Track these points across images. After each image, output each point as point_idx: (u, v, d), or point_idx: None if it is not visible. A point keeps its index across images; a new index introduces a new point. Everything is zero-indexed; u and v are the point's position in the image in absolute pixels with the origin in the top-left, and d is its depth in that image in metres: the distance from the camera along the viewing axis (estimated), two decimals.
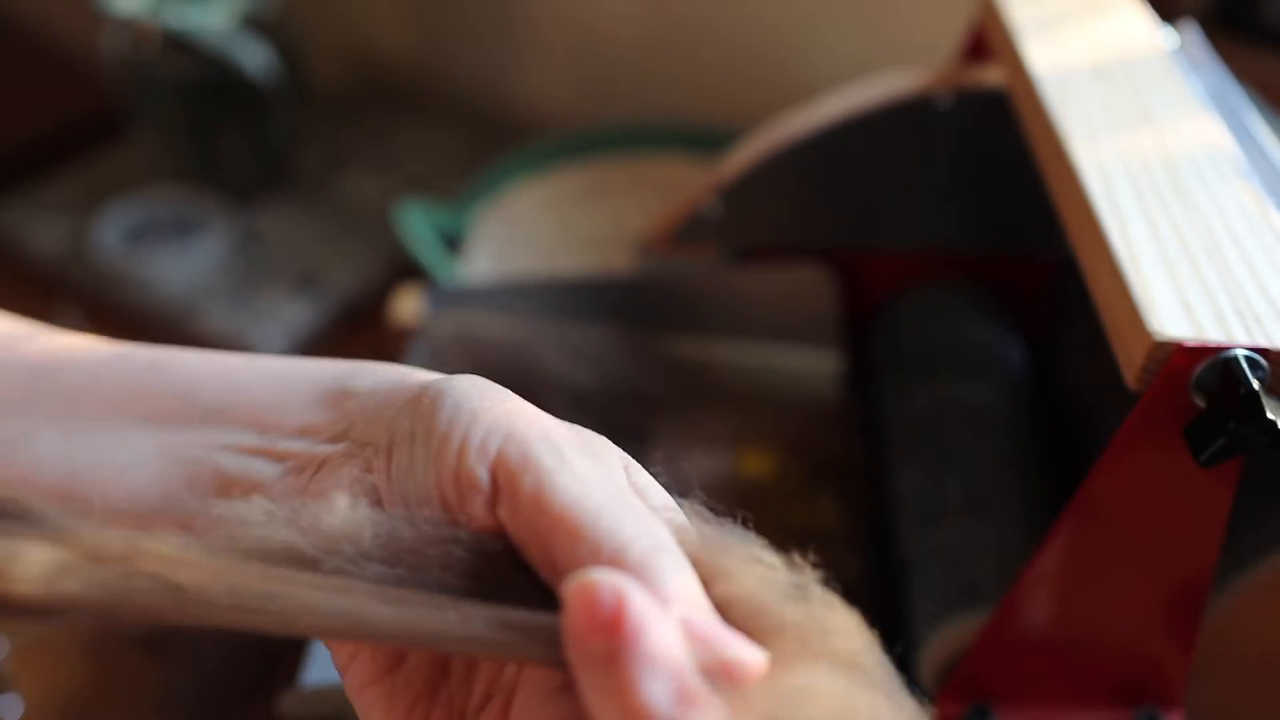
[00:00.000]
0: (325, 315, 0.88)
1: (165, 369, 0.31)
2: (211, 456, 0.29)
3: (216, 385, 0.30)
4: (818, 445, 0.56)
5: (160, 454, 0.29)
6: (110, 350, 0.32)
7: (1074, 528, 0.38)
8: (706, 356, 0.60)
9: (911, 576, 0.47)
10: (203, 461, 0.29)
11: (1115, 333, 0.36)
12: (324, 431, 0.29)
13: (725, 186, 0.59)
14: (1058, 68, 0.46)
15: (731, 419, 0.56)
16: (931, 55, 0.60)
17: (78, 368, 0.31)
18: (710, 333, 0.59)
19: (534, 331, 0.57)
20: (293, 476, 0.28)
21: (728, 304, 0.61)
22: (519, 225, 0.92)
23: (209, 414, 0.30)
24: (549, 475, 0.24)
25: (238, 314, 0.86)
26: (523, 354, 0.56)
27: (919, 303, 0.59)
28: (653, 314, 0.61)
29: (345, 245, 0.93)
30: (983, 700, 0.41)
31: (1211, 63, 0.51)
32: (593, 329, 0.58)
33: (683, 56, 1.00)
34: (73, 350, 0.32)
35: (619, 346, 0.58)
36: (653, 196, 0.94)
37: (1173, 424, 0.35)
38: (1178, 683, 0.41)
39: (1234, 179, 0.41)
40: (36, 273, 0.95)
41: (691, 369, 0.58)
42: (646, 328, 0.61)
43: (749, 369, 0.59)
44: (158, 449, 0.29)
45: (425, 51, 1.14)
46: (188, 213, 0.95)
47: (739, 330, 0.59)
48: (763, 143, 0.59)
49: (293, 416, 0.29)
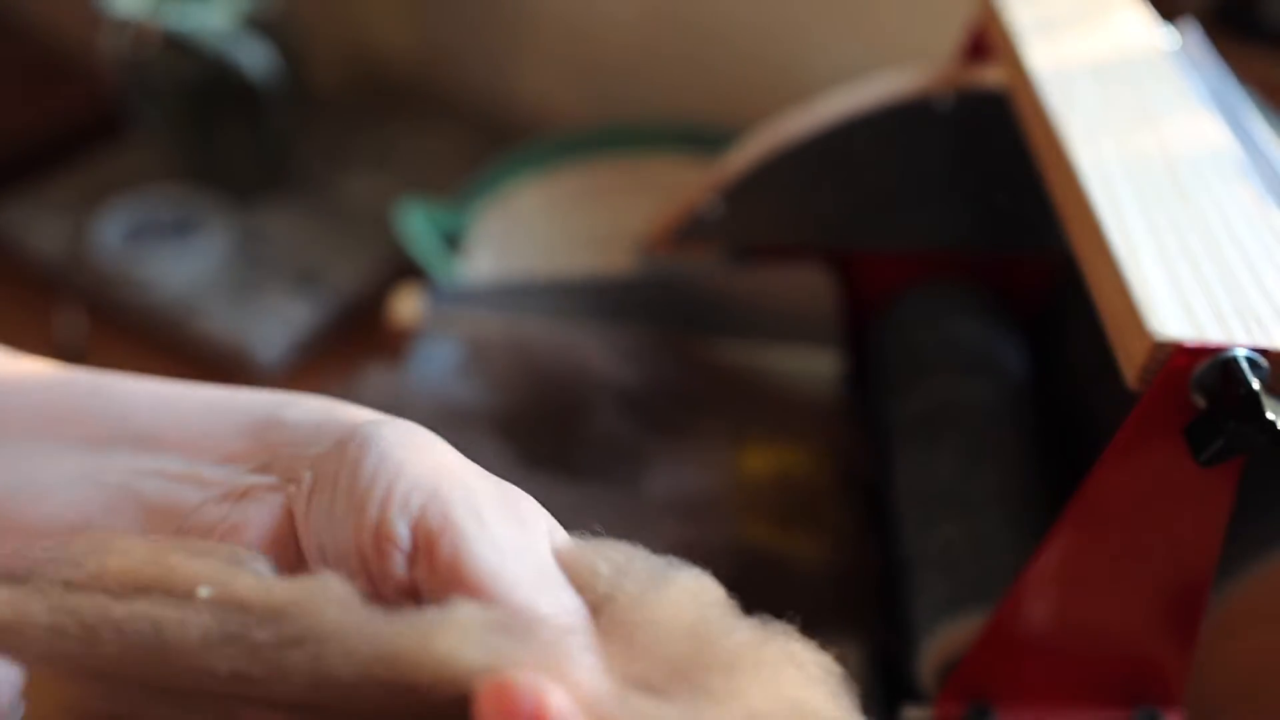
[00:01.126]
0: (325, 315, 0.88)
1: (103, 393, 0.30)
2: (134, 482, 0.28)
3: (150, 411, 0.30)
4: (817, 445, 0.56)
5: (82, 478, 0.28)
6: (53, 374, 0.31)
7: (1074, 528, 0.38)
8: (707, 356, 0.60)
9: (911, 576, 0.47)
10: (125, 487, 0.28)
11: (1115, 333, 0.36)
12: (249, 460, 0.28)
13: (725, 186, 0.59)
14: (1058, 68, 0.46)
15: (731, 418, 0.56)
16: (931, 56, 0.60)
17: (16, 389, 0.31)
18: (710, 333, 0.59)
19: (582, 333, 0.57)
20: (213, 504, 0.27)
21: (727, 304, 0.61)
22: (519, 225, 0.92)
23: (140, 439, 0.29)
24: (468, 542, 0.24)
25: (238, 314, 0.86)
26: (572, 355, 0.56)
27: (919, 302, 0.59)
28: (653, 314, 0.61)
29: (345, 245, 0.93)
30: (983, 700, 0.41)
31: (1211, 63, 0.51)
32: (631, 329, 0.58)
33: (683, 57, 1.00)
34: (15, 373, 0.32)
35: (659, 346, 0.58)
36: (652, 196, 0.94)
37: (1173, 424, 0.35)
38: (1178, 683, 0.41)
39: (1234, 179, 0.41)
40: (36, 273, 0.95)
41: (719, 368, 0.58)
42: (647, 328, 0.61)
43: (749, 368, 0.59)
44: (80, 472, 0.29)
45: (426, 51, 1.14)
46: (188, 213, 0.95)
47: (739, 330, 0.59)
48: (763, 143, 0.59)
49: (220, 444, 0.29)
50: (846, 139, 0.57)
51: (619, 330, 0.59)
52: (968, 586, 0.44)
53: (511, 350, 0.57)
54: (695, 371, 0.58)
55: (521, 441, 0.54)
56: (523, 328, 0.58)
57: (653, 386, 0.56)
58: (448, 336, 0.63)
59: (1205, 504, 0.37)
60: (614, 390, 0.55)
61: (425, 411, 0.53)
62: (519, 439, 0.54)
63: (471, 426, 0.54)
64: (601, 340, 0.57)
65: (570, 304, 0.63)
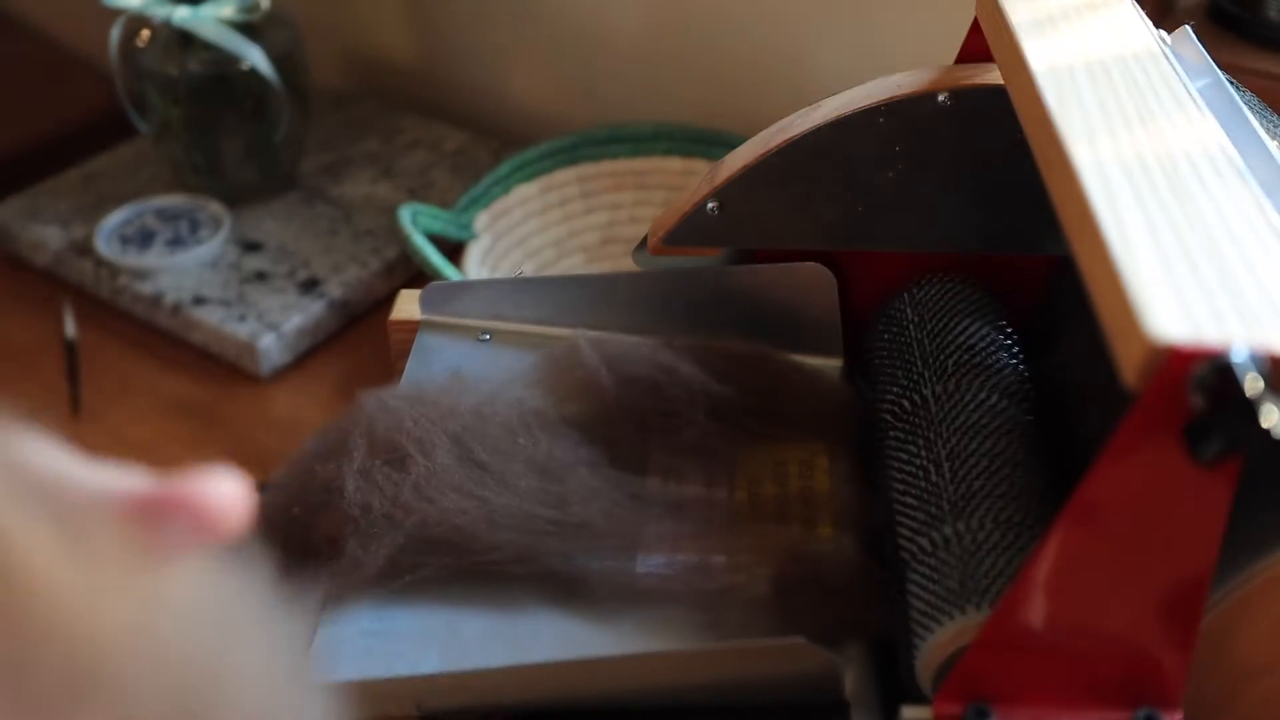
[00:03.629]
0: (325, 316, 0.88)
1: None
2: None
3: None
4: (815, 444, 0.56)
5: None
6: None
7: (1072, 528, 0.38)
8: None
9: (910, 576, 0.47)
10: None
11: (1113, 333, 0.36)
12: None
13: (724, 187, 0.59)
14: (1056, 68, 0.46)
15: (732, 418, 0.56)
16: (930, 57, 0.60)
17: None
18: (710, 333, 0.59)
19: (674, 349, 0.57)
20: None
21: (727, 304, 0.61)
22: (519, 226, 0.92)
23: None
24: None
25: (237, 315, 0.86)
26: (672, 375, 0.56)
27: (918, 302, 0.59)
28: (654, 314, 0.61)
29: (345, 246, 0.93)
30: (981, 700, 0.41)
31: (1209, 63, 0.51)
32: (722, 341, 0.59)
33: (683, 59, 1.00)
34: None
35: (749, 358, 0.58)
36: (652, 198, 0.94)
37: (1171, 424, 0.35)
38: (1177, 683, 0.41)
39: (1233, 179, 0.41)
40: (36, 273, 0.95)
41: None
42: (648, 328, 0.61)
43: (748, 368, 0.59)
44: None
45: (426, 52, 1.14)
46: (188, 213, 0.95)
47: (738, 330, 0.59)
48: (762, 143, 0.59)
49: None
50: (846, 139, 0.57)
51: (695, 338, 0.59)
52: (966, 586, 0.44)
53: (610, 370, 0.57)
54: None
55: (608, 446, 0.55)
56: (643, 348, 0.58)
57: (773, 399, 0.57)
58: (448, 337, 0.63)
59: (1204, 504, 0.37)
60: (709, 406, 0.56)
61: (505, 419, 0.54)
62: (606, 444, 0.55)
63: (556, 431, 0.54)
64: (685, 349, 0.58)
65: (572, 304, 0.63)
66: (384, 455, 0.52)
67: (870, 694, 0.45)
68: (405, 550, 0.49)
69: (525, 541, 0.49)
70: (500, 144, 1.05)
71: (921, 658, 0.44)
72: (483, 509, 0.50)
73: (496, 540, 0.49)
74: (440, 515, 0.49)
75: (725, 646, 0.47)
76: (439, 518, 0.49)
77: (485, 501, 0.50)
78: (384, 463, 0.52)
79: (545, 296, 0.63)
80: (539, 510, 0.50)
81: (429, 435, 0.53)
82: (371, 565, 0.49)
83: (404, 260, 0.92)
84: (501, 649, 0.47)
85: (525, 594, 0.49)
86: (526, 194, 0.92)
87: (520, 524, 0.50)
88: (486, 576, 0.49)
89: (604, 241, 0.94)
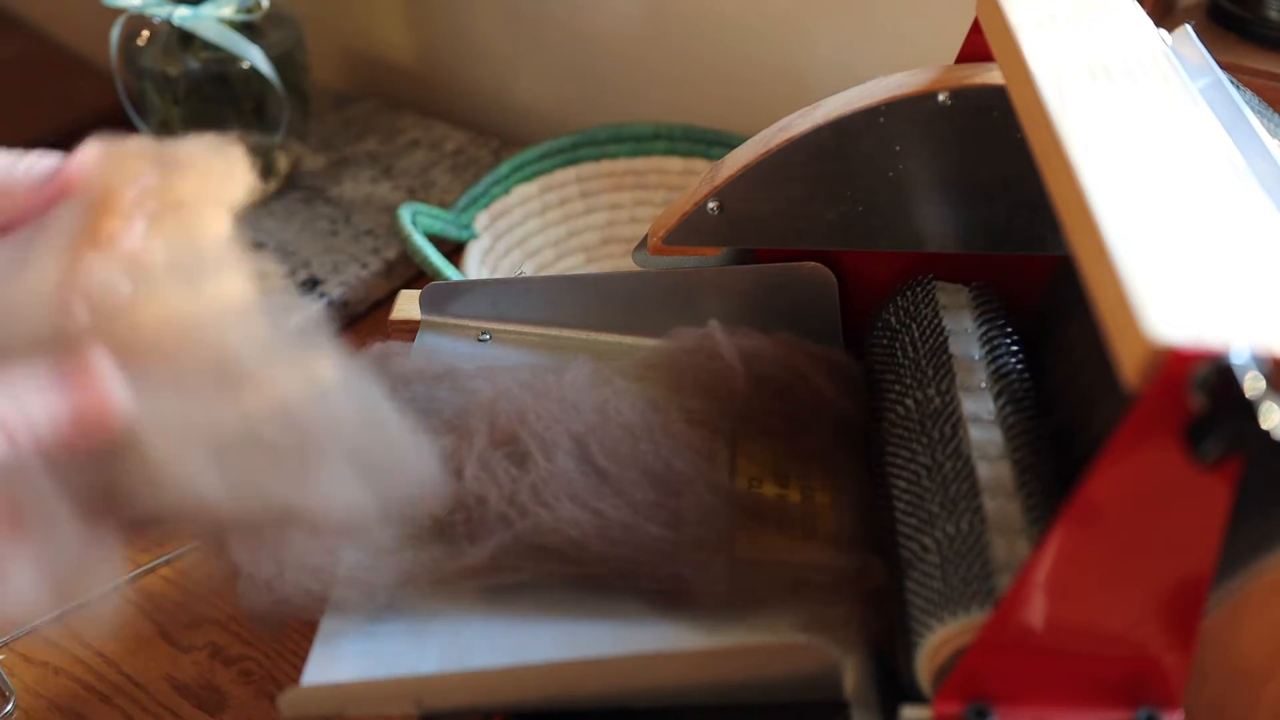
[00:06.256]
0: (325, 315, 0.88)
1: None
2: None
3: None
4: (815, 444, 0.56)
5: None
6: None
7: (1072, 528, 0.38)
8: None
9: (910, 576, 0.47)
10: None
11: (1113, 334, 0.36)
12: None
13: (725, 187, 0.59)
14: (1057, 68, 0.46)
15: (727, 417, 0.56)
16: (930, 57, 0.60)
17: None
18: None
19: (807, 358, 0.57)
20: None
21: (727, 304, 0.61)
22: (519, 226, 0.92)
23: None
24: None
25: None
26: (806, 383, 0.56)
27: (917, 302, 0.59)
28: (654, 314, 0.61)
29: (345, 246, 0.93)
30: (981, 700, 0.41)
31: (1210, 63, 0.51)
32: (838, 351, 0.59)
33: (684, 59, 1.00)
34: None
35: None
36: (652, 198, 0.94)
37: (1171, 425, 0.35)
38: (1178, 683, 0.41)
39: (1233, 179, 0.41)
40: None
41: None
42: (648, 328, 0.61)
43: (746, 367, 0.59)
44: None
45: (426, 52, 1.14)
46: None
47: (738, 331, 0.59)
48: (762, 143, 0.59)
49: None
50: (846, 139, 0.57)
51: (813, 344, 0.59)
52: (966, 586, 0.44)
53: (749, 374, 0.57)
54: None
55: (726, 444, 0.55)
56: (779, 350, 0.58)
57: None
58: (448, 337, 0.63)
59: (1204, 505, 0.37)
60: (836, 418, 0.56)
61: (628, 420, 0.54)
62: (725, 441, 0.55)
63: (676, 436, 0.54)
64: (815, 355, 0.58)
65: (571, 304, 0.63)
66: (504, 448, 0.51)
67: (870, 694, 0.45)
68: (509, 551, 0.48)
69: (633, 558, 0.49)
70: (500, 144, 1.05)
71: (921, 657, 0.44)
72: (596, 522, 0.49)
73: (605, 554, 0.48)
74: (554, 523, 0.49)
75: (726, 646, 0.47)
76: (552, 525, 0.49)
77: (600, 515, 0.49)
78: (504, 455, 0.51)
79: (545, 296, 0.63)
80: (652, 529, 0.49)
81: (551, 434, 0.52)
82: (475, 558, 0.48)
83: (404, 260, 0.92)
84: (501, 649, 0.47)
85: (525, 594, 0.49)
86: (526, 194, 0.92)
87: (631, 539, 0.49)
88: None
89: (604, 241, 0.94)
